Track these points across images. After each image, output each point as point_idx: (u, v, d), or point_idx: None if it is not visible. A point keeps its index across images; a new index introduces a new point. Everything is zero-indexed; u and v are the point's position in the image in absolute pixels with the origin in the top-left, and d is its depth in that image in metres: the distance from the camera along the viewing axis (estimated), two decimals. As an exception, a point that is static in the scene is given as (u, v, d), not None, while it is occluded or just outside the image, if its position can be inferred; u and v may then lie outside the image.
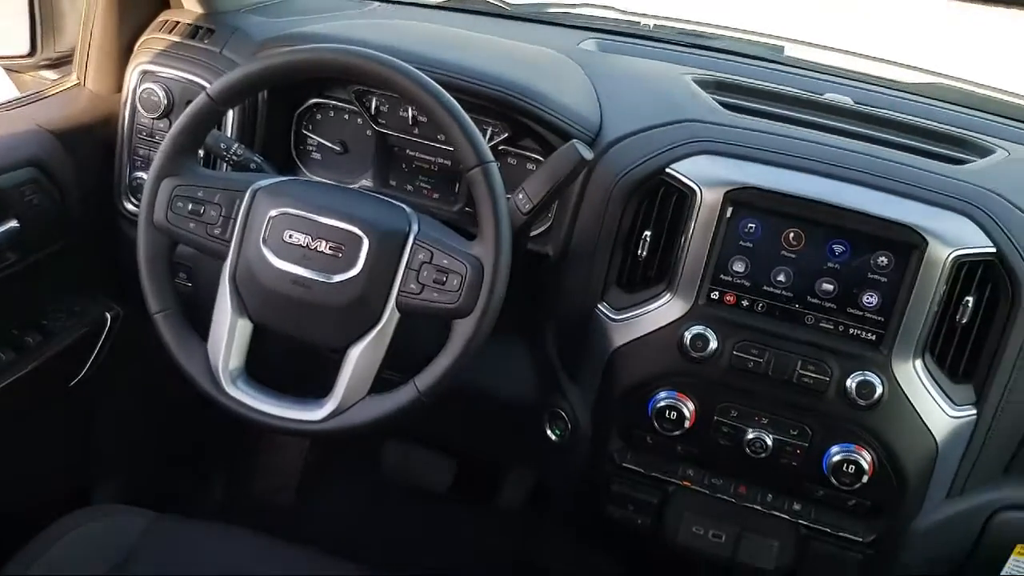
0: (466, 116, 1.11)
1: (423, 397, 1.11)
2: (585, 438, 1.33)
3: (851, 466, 1.17)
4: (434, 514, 2.01)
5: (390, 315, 1.12)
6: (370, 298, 1.12)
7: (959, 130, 1.38)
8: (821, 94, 1.46)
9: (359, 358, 1.13)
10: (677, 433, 1.23)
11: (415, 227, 1.13)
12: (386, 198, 1.20)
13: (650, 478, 1.31)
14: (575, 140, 1.16)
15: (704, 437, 1.23)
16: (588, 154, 1.16)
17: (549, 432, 1.38)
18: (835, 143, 1.24)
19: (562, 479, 1.45)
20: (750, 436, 1.21)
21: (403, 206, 1.18)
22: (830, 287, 1.16)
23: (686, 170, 1.19)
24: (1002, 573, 1.28)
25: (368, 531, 1.97)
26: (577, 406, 1.33)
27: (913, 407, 1.15)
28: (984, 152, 1.30)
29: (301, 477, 2.06)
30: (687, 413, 1.22)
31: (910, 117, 1.40)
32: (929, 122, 1.39)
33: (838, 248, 1.15)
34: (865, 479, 1.17)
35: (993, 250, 1.12)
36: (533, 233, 1.34)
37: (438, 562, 1.90)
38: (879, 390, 1.14)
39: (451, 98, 1.12)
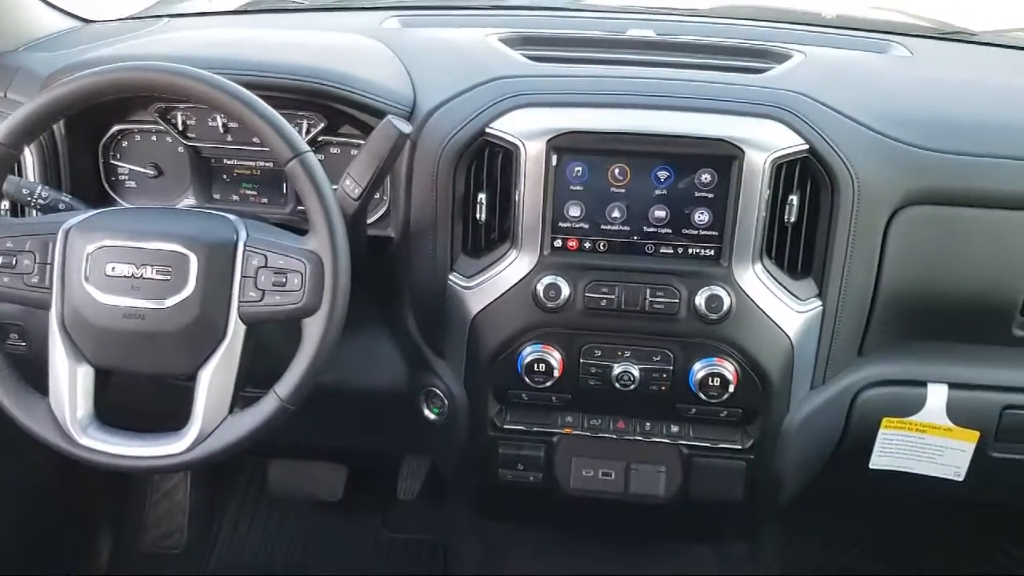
0: (271, 111, 1.08)
1: (287, 405, 1.08)
2: (463, 409, 1.33)
3: (716, 379, 1.21)
4: (331, 523, 1.98)
5: (235, 329, 1.08)
6: (210, 316, 1.08)
7: (757, 43, 1.44)
8: (624, 32, 1.49)
9: (212, 379, 1.09)
10: (549, 384, 1.25)
11: (243, 233, 1.10)
12: (209, 211, 1.16)
13: (532, 433, 1.32)
14: (390, 116, 1.15)
15: (575, 382, 1.25)
16: (406, 128, 1.15)
17: (428, 412, 1.37)
18: (642, 75, 1.27)
19: (450, 455, 1.45)
20: (617, 371, 1.23)
21: (227, 215, 1.14)
22: (662, 213, 1.19)
23: (506, 126, 1.20)
24: (873, 455, 1.35)
25: (268, 555, 1.93)
26: (449, 380, 1.33)
27: (762, 310, 1.20)
28: (782, 58, 1.36)
29: (190, 518, 1.99)
30: (555, 363, 1.23)
31: (710, 39, 1.45)
32: (728, 40, 1.44)
33: (662, 174, 1.18)
34: (731, 388, 1.21)
35: (806, 147, 1.17)
36: (372, 219, 1.33)
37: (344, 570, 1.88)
38: (727, 301, 1.18)
39: (253, 96, 1.08)
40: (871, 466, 1.35)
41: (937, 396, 1.29)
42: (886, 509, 1.97)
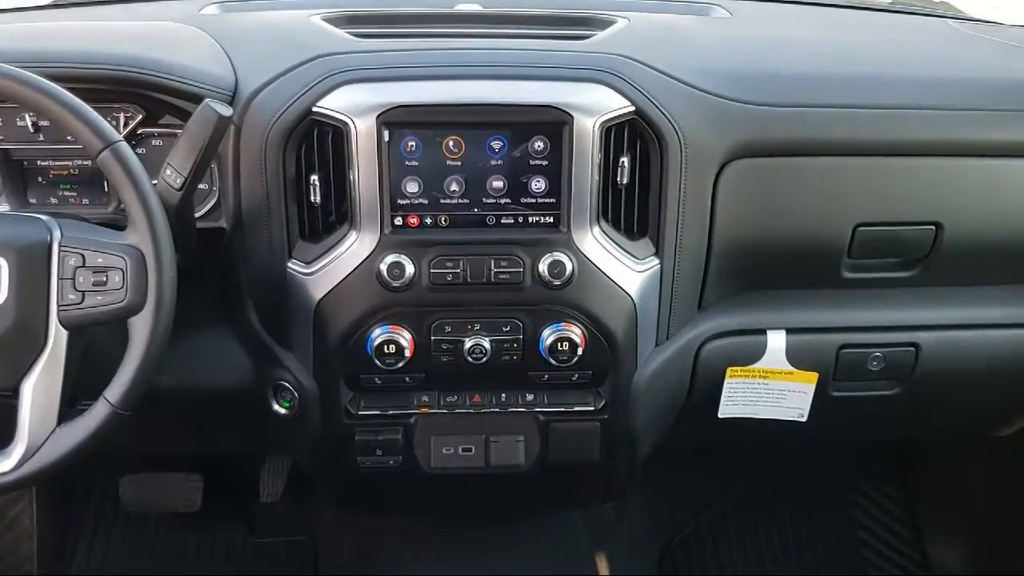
0: (77, 101, 1.02)
1: (119, 410, 1.02)
2: (315, 400, 1.30)
3: (565, 343, 1.22)
4: (193, 534, 1.91)
5: (56, 335, 1.02)
6: (27, 323, 1.01)
7: (580, 11, 1.46)
8: (451, 8, 1.48)
9: (35, 391, 1.02)
10: (401, 365, 1.23)
11: (57, 233, 1.03)
12: (18, 214, 1.09)
13: (388, 417, 1.30)
14: (208, 99, 1.10)
15: (427, 360, 1.24)
16: (226, 111, 1.10)
17: (278, 407, 1.33)
18: (469, 46, 1.26)
19: (306, 449, 1.41)
20: (468, 345, 1.22)
21: (38, 216, 1.06)
22: (500, 183, 1.19)
23: (333, 104, 1.17)
24: (721, 404, 1.40)
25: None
26: (298, 371, 1.29)
27: (603, 272, 1.21)
28: (606, 25, 1.38)
29: (39, 545, 1.88)
30: (405, 343, 1.22)
31: (535, 10, 1.46)
32: (552, 10, 1.45)
33: (496, 144, 1.18)
34: (580, 351, 1.23)
35: (632, 109, 1.18)
36: (202, 211, 1.27)
37: None
38: (569, 266, 1.19)
39: (56, 87, 1.02)
40: (720, 415, 1.39)
41: (776, 342, 1.34)
42: (746, 460, 2.05)
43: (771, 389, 1.37)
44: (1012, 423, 1.58)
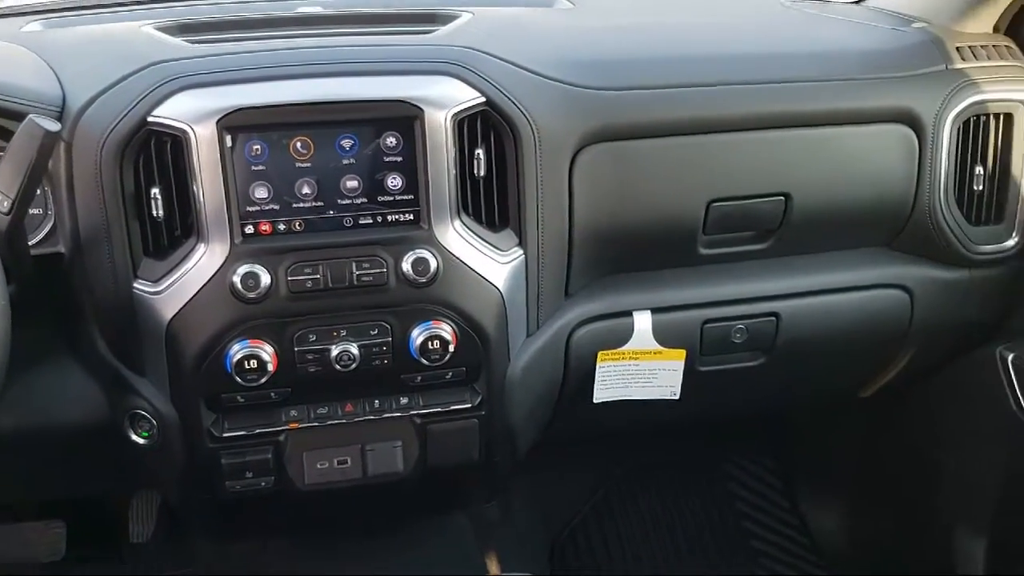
0: None
1: None
2: (175, 427, 1.23)
3: (436, 342, 1.20)
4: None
5: None
6: None
7: (425, 9, 1.44)
8: (292, 12, 1.44)
9: None
10: (264, 380, 1.18)
11: None
12: None
13: (256, 436, 1.24)
14: (32, 115, 1.03)
15: (292, 373, 1.19)
16: (53, 126, 1.03)
17: (136, 438, 1.25)
18: (311, 44, 1.23)
19: (171, 480, 1.34)
20: (335, 353, 1.19)
21: None
22: (354, 183, 1.16)
23: (170, 112, 1.11)
24: (595, 390, 1.40)
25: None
26: (154, 398, 1.22)
27: (468, 266, 1.20)
28: (450, 20, 1.37)
29: None
30: (267, 357, 1.17)
31: (378, 9, 1.43)
32: (396, 9, 1.43)
33: (347, 143, 1.15)
34: (452, 349, 1.21)
35: (483, 100, 1.18)
36: (37, 237, 1.18)
37: None
38: (433, 263, 1.17)
39: None
40: (595, 400, 1.40)
41: (643, 323, 1.36)
42: (626, 445, 2.08)
43: (642, 369, 1.38)
44: (872, 383, 1.65)
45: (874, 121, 1.34)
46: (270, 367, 1.17)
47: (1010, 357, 1.38)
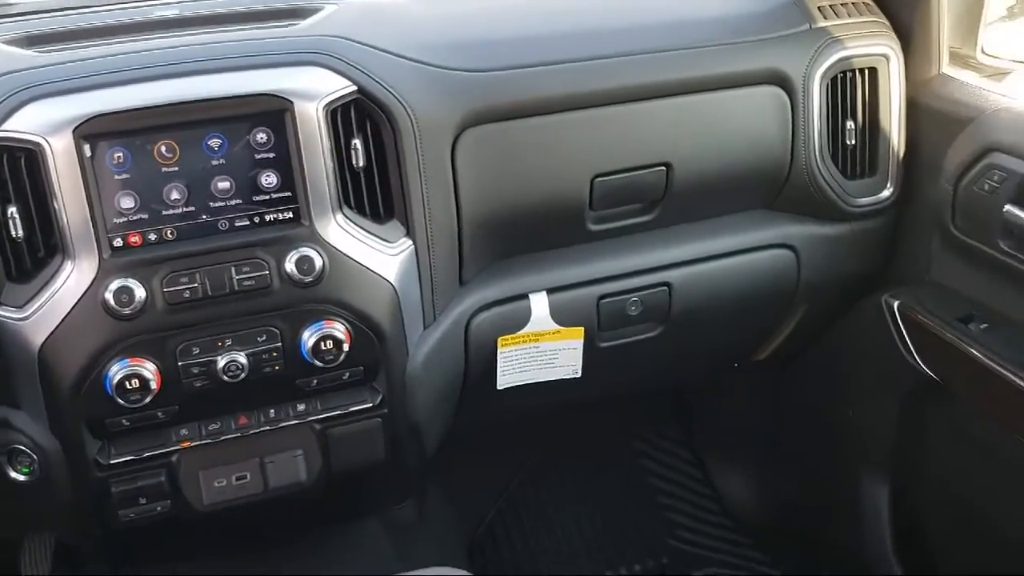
0: None
1: None
2: (58, 459, 1.16)
3: (329, 342, 1.16)
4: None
5: None
6: None
7: (287, 4, 1.39)
8: (147, 16, 1.37)
9: None
10: (149, 400, 1.12)
11: None
12: None
13: (146, 460, 1.18)
14: None
15: (178, 389, 1.13)
16: None
17: (16, 475, 1.17)
18: (168, 45, 1.17)
19: (59, 516, 1.26)
20: (222, 364, 1.13)
21: None
22: (226, 184, 1.11)
23: (20, 125, 1.04)
24: (498, 376, 1.38)
25: None
26: (32, 431, 1.15)
27: (356, 262, 1.16)
28: (313, 13, 1.33)
29: None
30: (149, 374, 1.11)
31: (236, 8, 1.38)
32: (255, 6, 1.38)
33: (215, 143, 1.10)
34: (347, 348, 1.17)
35: (354, 88, 1.14)
36: None
37: None
38: (318, 261, 1.13)
39: None
40: (499, 387, 1.38)
41: (539, 304, 1.35)
42: (534, 431, 2.07)
43: (542, 351, 1.37)
44: (767, 344, 1.68)
45: (745, 84, 1.36)
46: (153, 385, 1.11)
47: (895, 304, 1.42)
